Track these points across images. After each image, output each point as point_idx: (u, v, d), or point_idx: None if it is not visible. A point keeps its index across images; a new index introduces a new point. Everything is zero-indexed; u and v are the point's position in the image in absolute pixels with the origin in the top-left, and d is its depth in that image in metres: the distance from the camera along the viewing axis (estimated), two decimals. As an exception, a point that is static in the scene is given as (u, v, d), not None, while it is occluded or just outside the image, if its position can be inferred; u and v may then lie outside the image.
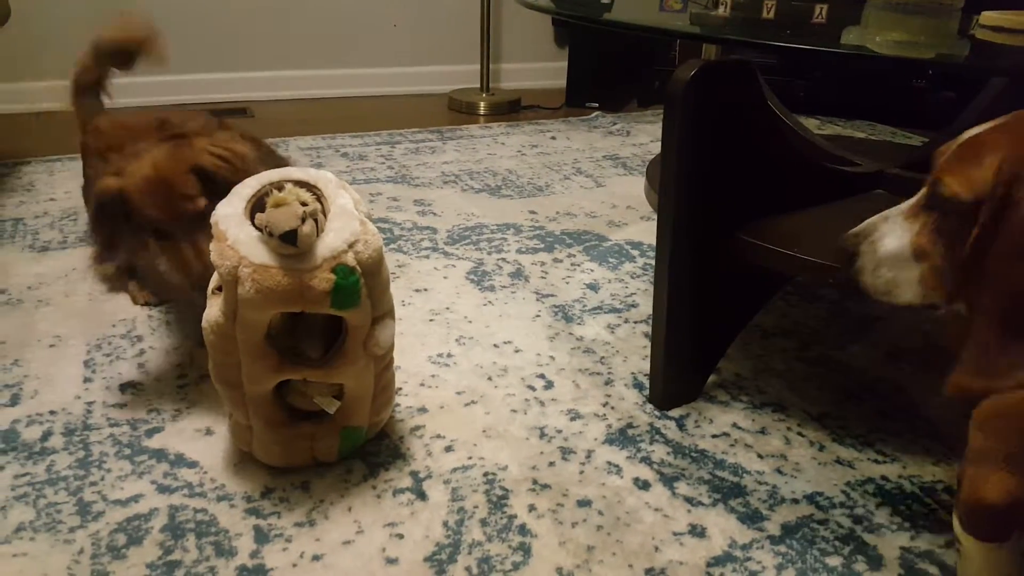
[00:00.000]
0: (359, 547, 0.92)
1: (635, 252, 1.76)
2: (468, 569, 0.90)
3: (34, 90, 2.88)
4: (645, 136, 2.75)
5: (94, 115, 1.42)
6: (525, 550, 0.92)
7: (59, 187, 2.09)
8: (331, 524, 0.95)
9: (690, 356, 1.20)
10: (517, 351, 1.35)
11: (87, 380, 1.23)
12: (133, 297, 1.48)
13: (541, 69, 3.56)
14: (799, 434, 1.15)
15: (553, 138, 2.72)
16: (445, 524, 0.96)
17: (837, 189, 1.25)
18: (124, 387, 1.21)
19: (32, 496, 0.99)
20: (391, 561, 0.90)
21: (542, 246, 1.78)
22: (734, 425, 1.16)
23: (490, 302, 1.51)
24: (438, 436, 1.12)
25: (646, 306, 1.51)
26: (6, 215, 1.89)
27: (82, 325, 1.39)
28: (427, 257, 1.71)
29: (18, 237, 1.76)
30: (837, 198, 1.24)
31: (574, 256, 1.74)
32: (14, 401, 1.17)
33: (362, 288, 0.91)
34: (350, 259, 0.89)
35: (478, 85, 3.20)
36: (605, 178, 2.29)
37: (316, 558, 0.90)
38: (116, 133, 1.27)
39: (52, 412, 1.15)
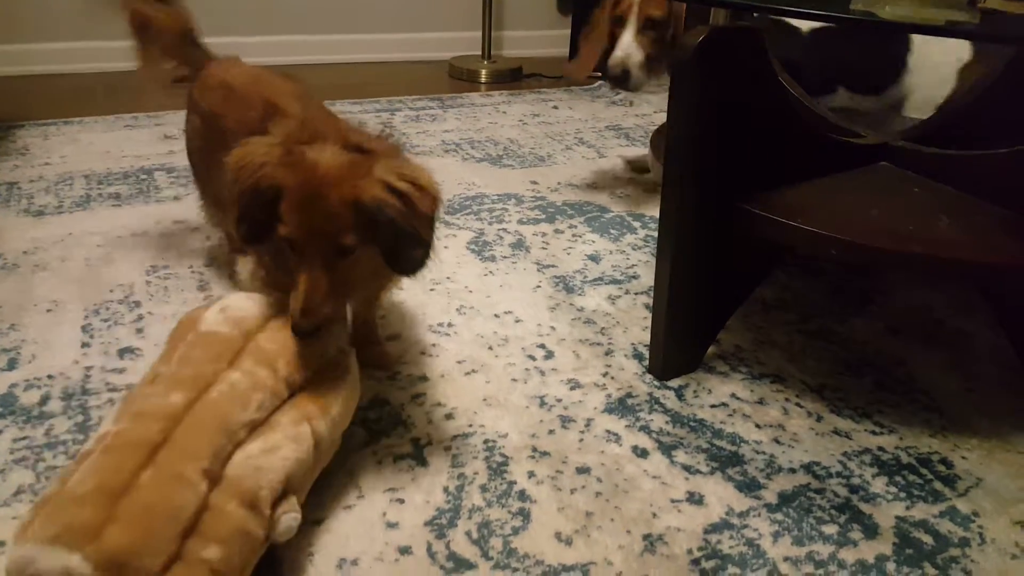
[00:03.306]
0: (360, 511, 0.93)
1: (636, 223, 1.76)
2: (468, 533, 0.90)
3: (34, 52, 2.84)
4: (648, 107, 2.73)
5: (202, 64, 1.31)
6: (524, 515, 0.93)
7: (54, 151, 2.07)
8: (332, 489, 0.95)
9: (690, 327, 1.20)
10: (518, 321, 1.35)
11: (85, 345, 1.22)
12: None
13: (543, 37, 3.52)
14: (797, 405, 1.15)
15: (555, 107, 2.69)
16: (445, 490, 0.96)
17: (841, 161, 1.24)
18: (122, 352, 1.21)
19: (31, 460, 0.99)
20: (392, 525, 0.91)
21: (543, 216, 1.77)
22: (733, 395, 1.17)
23: (491, 272, 1.51)
24: (438, 404, 1.12)
25: (647, 277, 1.51)
26: (1, 179, 1.88)
27: (79, 290, 1.38)
28: (427, 226, 1.70)
29: (13, 201, 1.75)
30: (841, 170, 1.23)
31: (575, 227, 1.73)
32: (11, 365, 1.17)
33: None
34: None
35: (479, 52, 3.16)
36: (607, 148, 2.27)
37: (317, 523, 0.90)
38: (236, 92, 1.17)
39: (50, 376, 1.14)
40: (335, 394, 0.91)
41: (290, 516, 0.81)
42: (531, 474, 1.00)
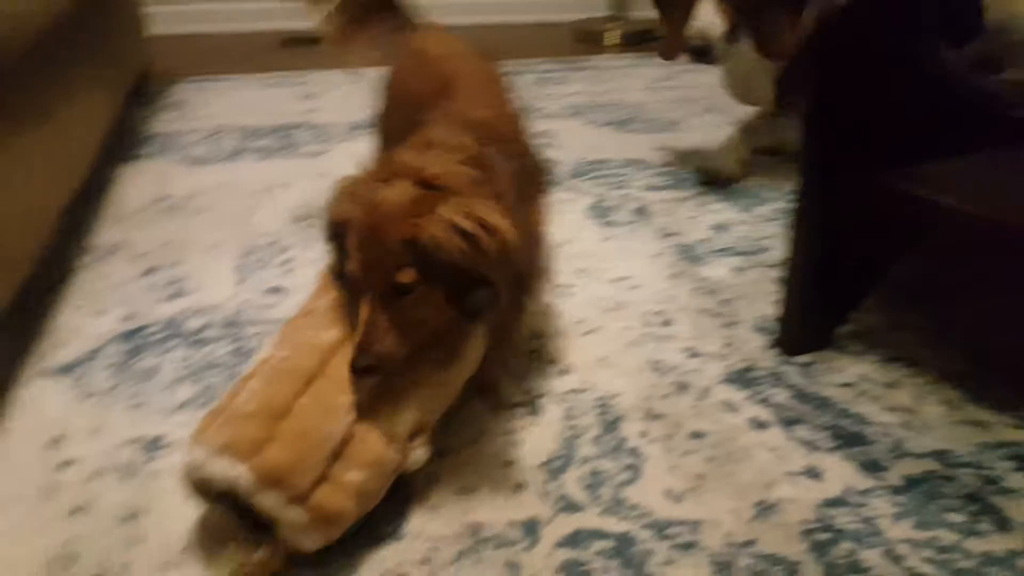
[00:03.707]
0: (480, 448, 0.99)
1: (769, 195, 1.70)
2: (580, 479, 0.94)
3: (191, 12, 3.05)
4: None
5: (400, 35, 1.25)
6: (635, 470, 0.95)
7: (208, 105, 2.24)
8: (456, 426, 1.01)
9: (822, 303, 1.17)
10: (637, 287, 1.35)
11: (239, 282, 1.34)
12: None
13: None
14: (932, 391, 1.10)
15: (687, 72, 2.62)
16: (559, 439, 1.00)
17: (1003, 133, 1.16)
18: (271, 291, 1.31)
19: (194, 377, 1.11)
20: (508, 463, 0.96)
21: (669, 183, 1.75)
22: (862, 377, 1.13)
23: (611, 237, 1.52)
24: (553, 361, 1.15)
25: (777, 250, 1.47)
26: (162, 130, 2.05)
27: (233, 233, 1.50)
28: (550, 190, 1.72)
29: (174, 150, 1.91)
30: (1002, 144, 1.15)
31: (703, 195, 1.70)
32: (177, 295, 1.30)
33: None
34: None
35: (605, 13, 3.09)
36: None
37: (441, 454, 0.96)
38: (421, 65, 1.13)
39: (210, 307, 1.26)
40: (460, 346, 0.95)
41: (422, 450, 0.88)
42: (643, 433, 1.01)
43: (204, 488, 0.80)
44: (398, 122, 1.08)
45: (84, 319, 1.24)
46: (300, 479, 0.78)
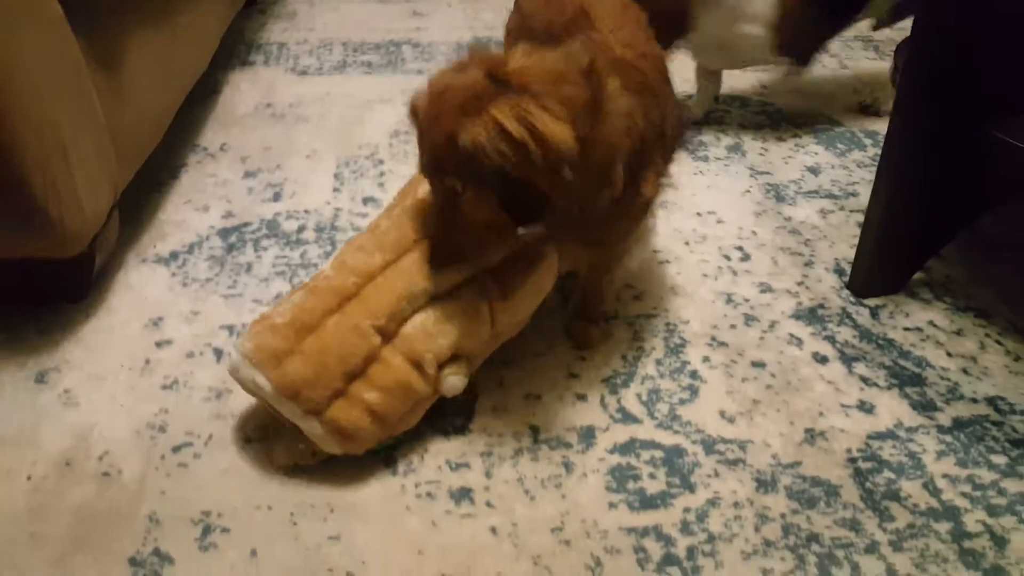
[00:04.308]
0: (547, 360, 1.05)
1: (868, 141, 1.66)
2: (638, 395, 0.99)
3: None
4: (908, 20, 2.48)
5: None
6: (693, 391, 1.00)
7: (318, 18, 2.30)
8: (526, 339, 1.06)
9: (899, 248, 1.16)
10: (720, 222, 1.37)
11: (335, 190, 1.42)
12: None
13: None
14: (998, 342, 1.10)
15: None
16: (623, 357, 1.05)
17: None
18: (365, 200, 1.39)
19: (288, 274, 1.20)
20: (573, 376, 1.03)
21: (768, 122, 1.73)
22: (930, 323, 1.13)
23: (701, 172, 1.52)
24: (629, 286, 1.20)
25: (866, 196, 1.44)
26: (273, 39, 2.13)
27: (333, 143, 1.58)
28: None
29: (282, 60, 1.99)
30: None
31: (799, 137, 1.67)
32: (276, 198, 1.39)
33: None
34: None
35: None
36: (852, 60, 2.12)
37: (509, 363, 1.04)
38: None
39: (306, 211, 1.35)
40: (519, 281, 0.94)
41: (455, 378, 0.89)
42: (706, 359, 1.05)
43: (245, 387, 0.87)
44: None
45: (189, 214, 1.35)
46: (316, 392, 0.82)
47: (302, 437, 0.87)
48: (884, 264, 1.17)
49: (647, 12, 1.01)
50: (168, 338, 1.08)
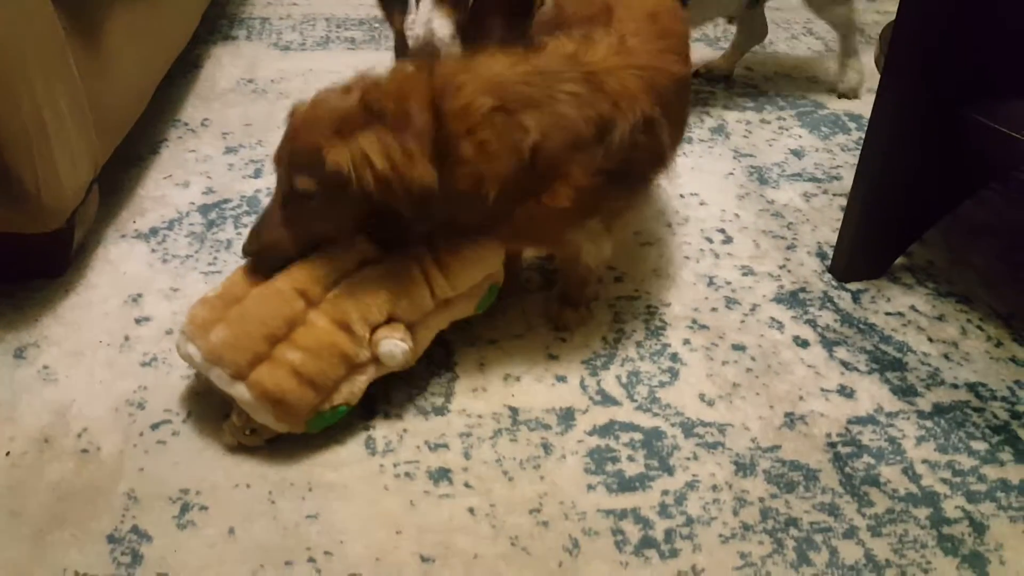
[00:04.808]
0: (527, 340, 1.05)
1: (852, 124, 1.66)
2: (618, 377, 0.99)
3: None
4: (892, 3, 2.48)
5: None
6: (673, 374, 1.00)
7: (303, -7, 2.26)
8: (506, 319, 1.07)
9: (882, 232, 1.17)
10: (702, 204, 1.37)
11: (317, 166, 1.40)
12: None
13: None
14: (979, 328, 1.11)
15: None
16: (604, 339, 1.05)
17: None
18: (346, 176, 1.38)
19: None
20: (553, 357, 1.02)
21: (752, 105, 1.73)
22: (911, 307, 1.14)
23: (684, 154, 1.52)
24: (610, 268, 1.19)
25: (851, 180, 1.45)
26: (255, 14, 2.10)
27: (316, 119, 1.56)
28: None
29: (264, 35, 1.96)
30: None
31: (784, 119, 1.67)
32: (257, 174, 1.38)
33: None
34: None
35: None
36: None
37: (491, 342, 1.03)
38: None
39: (288, 188, 1.34)
40: (459, 259, 0.92)
41: (390, 342, 0.88)
42: (686, 341, 1.06)
43: (189, 362, 0.89)
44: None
45: (169, 189, 1.33)
46: (238, 356, 0.84)
47: (243, 414, 0.87)
48: (866, 248, 1.17)
49: None
50: (147, 315, 1.07)
